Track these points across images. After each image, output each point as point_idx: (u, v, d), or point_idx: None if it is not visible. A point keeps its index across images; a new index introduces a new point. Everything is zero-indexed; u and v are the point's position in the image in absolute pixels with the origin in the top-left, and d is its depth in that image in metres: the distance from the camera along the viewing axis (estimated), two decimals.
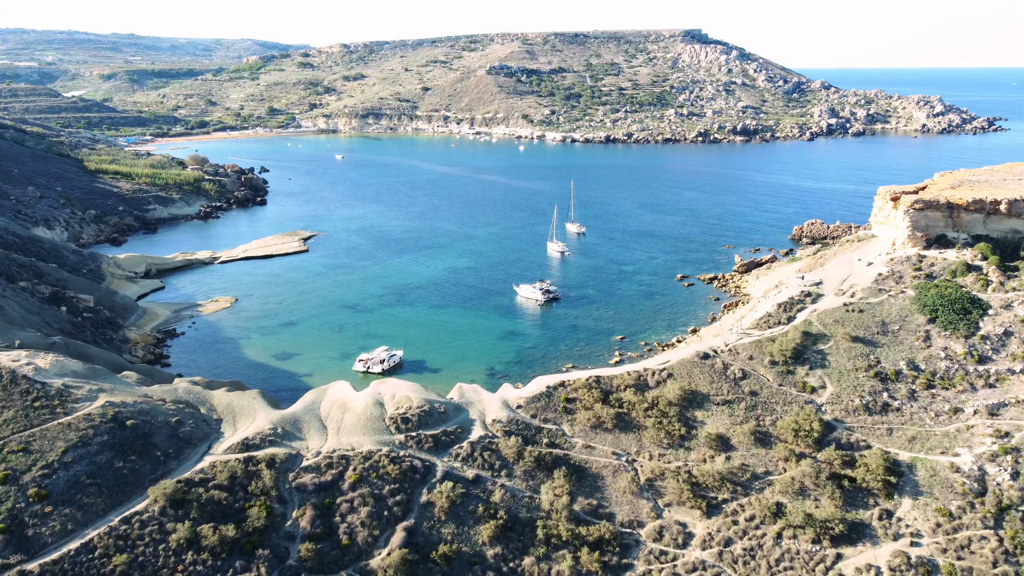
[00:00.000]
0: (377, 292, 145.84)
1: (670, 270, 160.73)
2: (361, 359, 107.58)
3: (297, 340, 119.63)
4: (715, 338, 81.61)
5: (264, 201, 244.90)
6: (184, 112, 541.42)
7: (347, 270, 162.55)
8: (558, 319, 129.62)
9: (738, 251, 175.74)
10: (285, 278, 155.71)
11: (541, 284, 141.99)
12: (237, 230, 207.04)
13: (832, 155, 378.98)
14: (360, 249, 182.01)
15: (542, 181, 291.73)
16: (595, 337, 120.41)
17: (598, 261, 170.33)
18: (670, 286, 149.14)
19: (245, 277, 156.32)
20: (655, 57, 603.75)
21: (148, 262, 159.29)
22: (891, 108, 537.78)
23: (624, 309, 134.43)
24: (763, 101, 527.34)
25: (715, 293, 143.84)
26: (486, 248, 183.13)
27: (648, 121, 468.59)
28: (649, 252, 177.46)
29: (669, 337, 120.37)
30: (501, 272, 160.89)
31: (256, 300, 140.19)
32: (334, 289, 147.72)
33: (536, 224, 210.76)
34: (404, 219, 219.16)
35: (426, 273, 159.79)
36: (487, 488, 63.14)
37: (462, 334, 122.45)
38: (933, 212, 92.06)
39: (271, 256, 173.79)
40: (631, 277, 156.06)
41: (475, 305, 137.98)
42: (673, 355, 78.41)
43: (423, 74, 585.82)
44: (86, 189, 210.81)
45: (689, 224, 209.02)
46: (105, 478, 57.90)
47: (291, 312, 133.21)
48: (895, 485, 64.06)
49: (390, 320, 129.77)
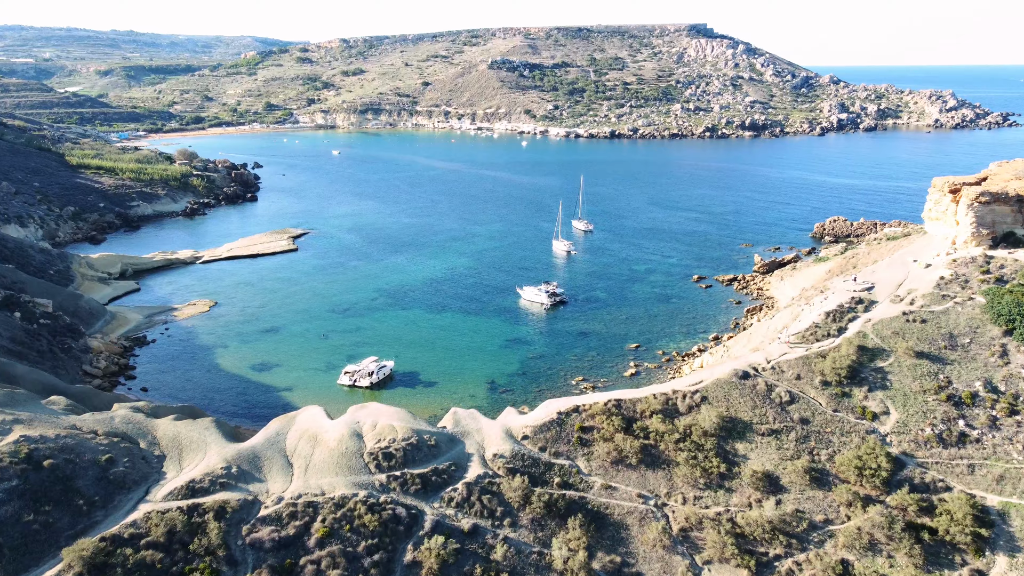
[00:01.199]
0: (369, 295, 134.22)
1: (685, 270, 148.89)
2: (347, 371, 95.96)
3: (278, 349, 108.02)
4: (753, 353, 69.37)
5: (255, 197, 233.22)
6: (180, 108, 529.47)
7: (338, 271, 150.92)
8: (566, 324, 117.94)
9: (757, 250, 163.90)
10: (271, 279, 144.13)
11: (547, 286, 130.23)
12: (225, 228, 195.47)
13: (846, 150, 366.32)
14: (353, 248, 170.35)
15: (546, 177, 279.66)
16: (607, 345, 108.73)
17: (607, 260, 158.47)
18: (686, 288, 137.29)
19: (228, 278, 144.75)
20: (660, 52, 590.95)
21: (124, 262, 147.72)
22: (902, 103, 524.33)
23: (638, 313, 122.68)
24: (771, 96, 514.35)
25: (736, 296, 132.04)
26: (487, 247, 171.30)
27: (654, 116, 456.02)
28: (662, 251, 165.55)
29: (689, 345, 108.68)
30: (503, 273, 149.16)
31: (237, 303, 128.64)
32: (323, 291, 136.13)
33: (540, 221, 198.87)
34: (401, 216, 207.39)
35: (423, 274, 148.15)
36: (487, 542, 51.48)
37: (461, 341, 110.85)
38: (1001, 206, 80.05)
39: (258, 256, 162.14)
40: (644, 278, 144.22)
41: (475, 309, 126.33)
42: (706, 374, 66.17)
43: (423, 69, 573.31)
44: (66, 185, 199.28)
45: (703, 221, 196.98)
46: (9, 536, 46.30)
47: (274, 317, 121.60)
48: (986, 539, 52.37)
49: (382, 326, 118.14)
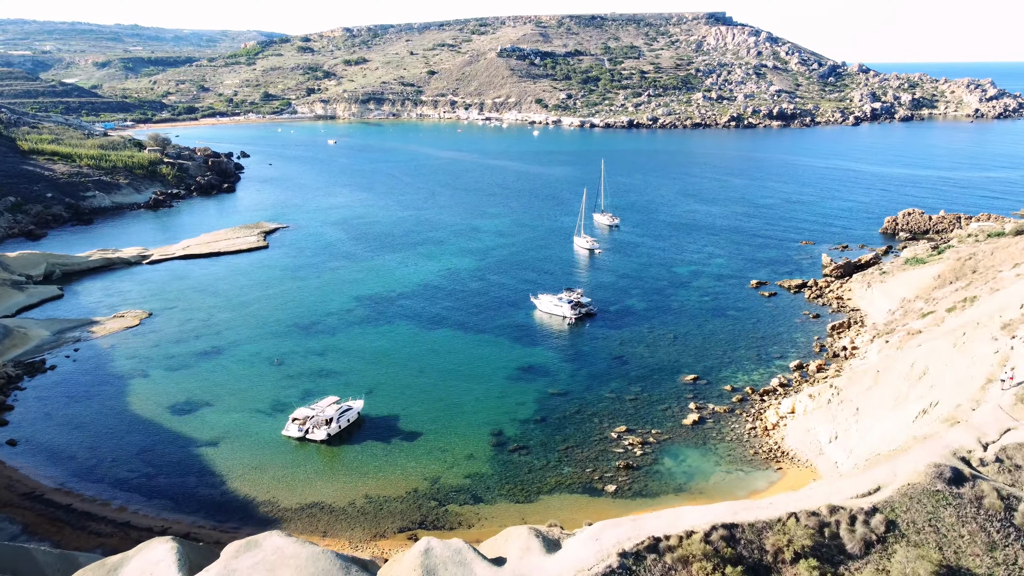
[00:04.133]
0: (346, 304, 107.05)
1: (738, 274, 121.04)
2: (296, 418, 68.50)
3: (214, 380, 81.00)
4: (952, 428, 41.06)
5: (232, 188, 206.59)
6: (174, 98, 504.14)
7: (313, 273, 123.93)
8: (597, 346, 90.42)
9: (820, 248, 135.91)
10: (227, 284, 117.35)
11: (570, 294, 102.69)
12: (192, 221, 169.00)
13: (889, 140, 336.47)
14: (336, 246, 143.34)
15: (562, 167, 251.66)
16: (653, 376, 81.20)
17: (641, 261, 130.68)
18: (744, 296, 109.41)
19: (176, 283, 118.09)
20: (678, 40, 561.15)
21: (51, 262, 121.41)
22: (938, 92, 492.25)
23: (688, 330, 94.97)
24: (797, 85, 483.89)
25: (809, 307, 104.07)
26: (494, 244, 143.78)
27: (674, 105, 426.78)
28: (705, 250, 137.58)
29: (764, 378, 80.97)
30: (514, 276, 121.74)
31: (177, 315, 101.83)
32: (289, 299, 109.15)
33: (556, 214, 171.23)
34: (396, 209, 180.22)
35: (415, 278, 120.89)
36: None
37: (458, 370, 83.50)
38: None
39: (219, 254, 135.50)
40: (688, 284, 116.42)
41: (478, 324, 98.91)
42: (881, 474, 37.14)
43: (429, 58, 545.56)
44: (10, 172, 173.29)
45: (748, 215, 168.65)
46: None
47: (218, 335, 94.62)
48: None
49: (356, 347, 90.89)
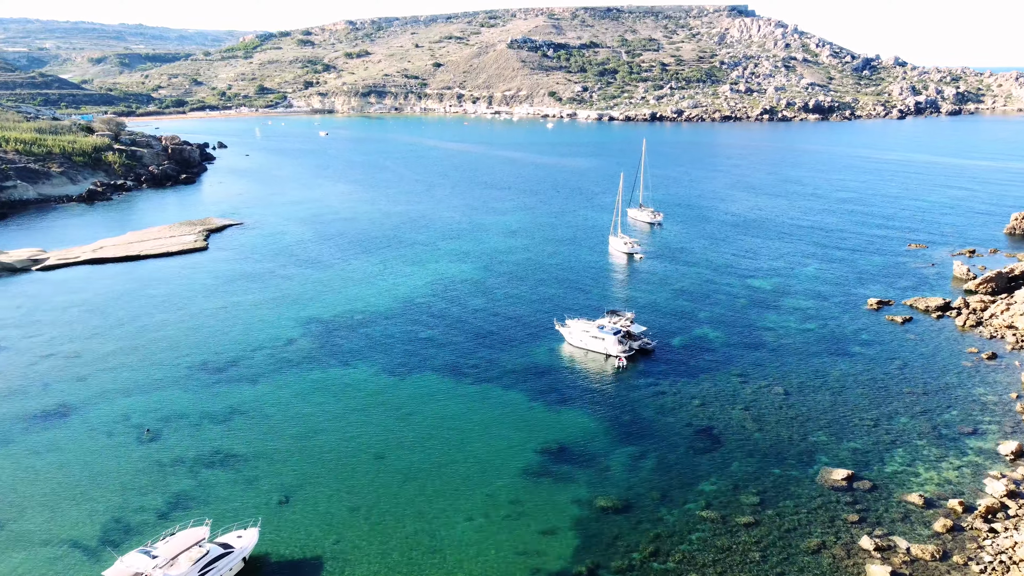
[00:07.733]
0: (286, 332, 73.47)
1: (843, 289, 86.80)
2: (125, 562, 35.03)
3: (32, 469, 47.51)
4: None
5: (193, 179, 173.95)
6: (165, 92, 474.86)
7: (254, 285, 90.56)
8: (663, 408, 56.47)
9: (937, 252, 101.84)
10: (130, 300, 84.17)
11: (614, 320, 68.65)
12: (133, 217, 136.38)
13: (957, 132, 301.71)
14: (296, 247, 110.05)
15: (585, 157, 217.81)
16: (773, 473, 47.24)
17: (698, 270, 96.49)
18: (867, 323, 75.07)
19: (61, 296, 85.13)
20: (699, 32, 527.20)
21: None
22: (983, 86, 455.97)
23: (804, 382, 60.90)
24: (830, 78, 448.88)
25: (971, 340, 69.87)
26: (505, 247, 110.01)
27: (700, 97, 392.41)
28: (785, 255, 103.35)
29: (964, 472, 46.98)
30: (530, 291, 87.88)
31: (31, 350, 68.70)
32: (204, 325, 75.70)
33: (582, 210, 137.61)
34: (383, 203, 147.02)
35: (393, 292, 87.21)
36: None
37: (442, 459, 49.59)
38: None
39: (139, 258, 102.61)
40: (777, 303, 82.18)
41: (478, 367, 65.06)
42: None
43: (435, 50, 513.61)
44: None
45: (824, 211, 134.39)
46: None
47: (80, 381, 61.36)
48: None
49: (281, 408, 57.16)
